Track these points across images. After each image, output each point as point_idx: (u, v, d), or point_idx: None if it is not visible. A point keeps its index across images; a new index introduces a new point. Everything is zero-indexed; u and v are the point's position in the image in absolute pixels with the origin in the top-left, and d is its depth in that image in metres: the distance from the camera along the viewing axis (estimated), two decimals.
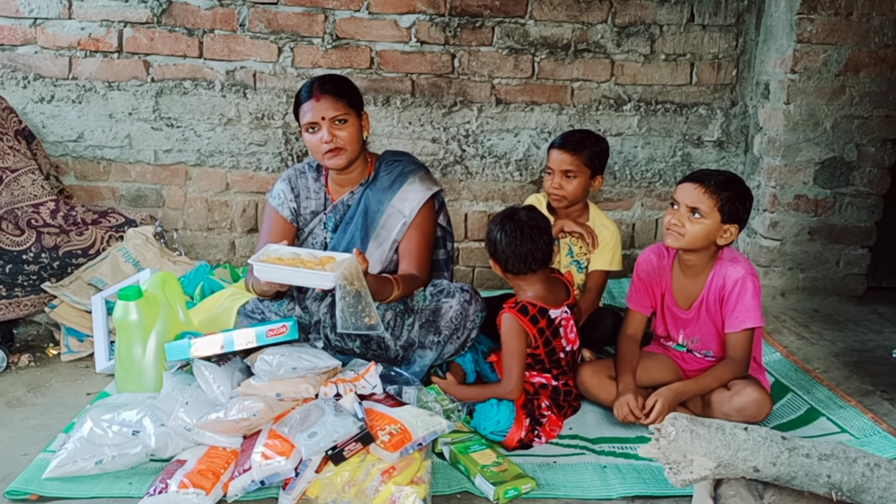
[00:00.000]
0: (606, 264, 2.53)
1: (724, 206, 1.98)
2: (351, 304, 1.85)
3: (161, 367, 2.07)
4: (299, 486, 1.64)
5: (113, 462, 1.75)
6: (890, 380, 2.40)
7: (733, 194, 1.98)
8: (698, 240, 2.01)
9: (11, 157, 2.73)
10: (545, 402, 2.05)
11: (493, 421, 1.93)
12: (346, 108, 2.15)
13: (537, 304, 2.04)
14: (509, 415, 1.94)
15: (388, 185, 2.27)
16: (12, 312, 2.54)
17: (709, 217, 1.98)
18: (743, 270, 2.03)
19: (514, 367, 2.02)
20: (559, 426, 2.04)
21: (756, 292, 2.02)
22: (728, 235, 2.02)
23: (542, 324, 2.03)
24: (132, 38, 3.14)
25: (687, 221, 2.00)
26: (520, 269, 2.05)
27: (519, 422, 1.93)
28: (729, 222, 2.00)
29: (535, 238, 2.02)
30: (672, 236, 2.03)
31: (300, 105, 2.17)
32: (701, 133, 3.35)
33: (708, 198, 1.98)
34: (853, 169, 3.13)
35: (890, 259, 3.34)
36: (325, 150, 2.15)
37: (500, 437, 1.92)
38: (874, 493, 1.39)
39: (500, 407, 1.96)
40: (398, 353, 2.21)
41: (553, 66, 3.25)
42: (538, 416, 1.99)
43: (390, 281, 2.06)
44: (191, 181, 3.30)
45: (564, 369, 2.11)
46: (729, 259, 2.07)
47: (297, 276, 1.93)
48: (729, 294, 2.03)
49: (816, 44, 3.01)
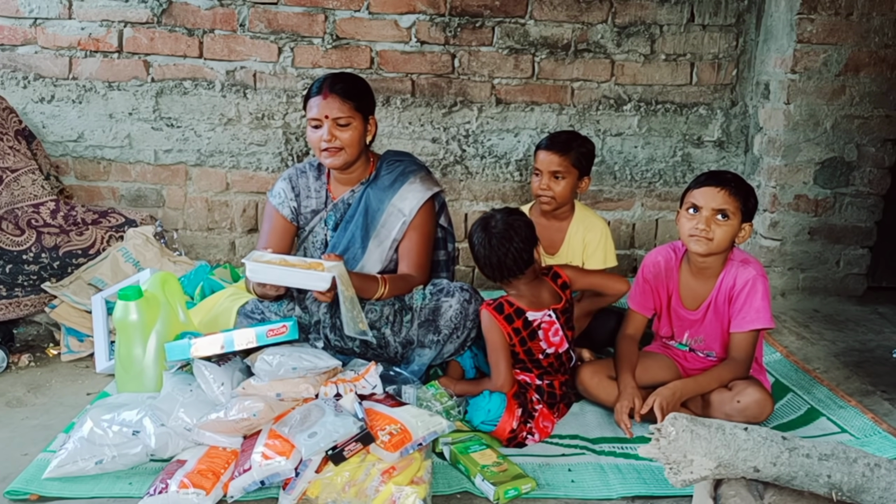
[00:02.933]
0: (601, 263, 2.54)
1: (745, 205, 2.00)
2: (349, 308, 1.91)
3: (161, 367, 2.07)
4: (299, 486, 1.65)
5: (113, 462, 1.75)
6: (890, 380, 2.40)
7: (749, 192, 2.02)
8: (725, 242, 2.02)
9: (11, 157, 2.73)
10: (535, 395, 2.05)
11: (483, 410, 1.93)
12: (352, 110, 2.16)
13: (515, 303, 2.07)
14: (500, 404, 1.93)
15: (389, 184, 2.27)
16: (12, 312, 2.54)
17: (734, 218, 1.99)
18: (754, 271, 2.04)
19: (499, 361, 2.05)
20: (552, 421, 2.03)
21: (766, 293, 2.03)
22: (744, 234, 2.03)
23: (517, 324, 2.05)
24: (132, 38, 3.14)
25: (714, 226, 1.99)
26: (493, 277, 2.08)
27: (510, 410, 1.93)
28: (746, 221, 2.03)
29: (506, 247, 2.02)
30: (699, 242, 2.00)
31: (309, 98, 2.19)
32: (701, 133, 3.35)
33: (733, 199, 1.99)
34: (853, 169, 3.13)
35: (890, 259, 3.34)
36: (323, 149, 2.16)
37: (491, 427, 1.92)
38: (874, 494, 1.39)
39: (491, 397, 1.96)
40: (397, 351, 2.21)
41: (553, 66, 3.25)
42: (530, 409, 2.00)
43: (375, 279, 2.08)
44: (191, 181, 3.30)
45: (547, 370, 2.11)
46: (740, 260, 2.08)
47: (290, 277, 1.93)
48: (738, 294, 2.03)
49: (816, 44, 3.01)
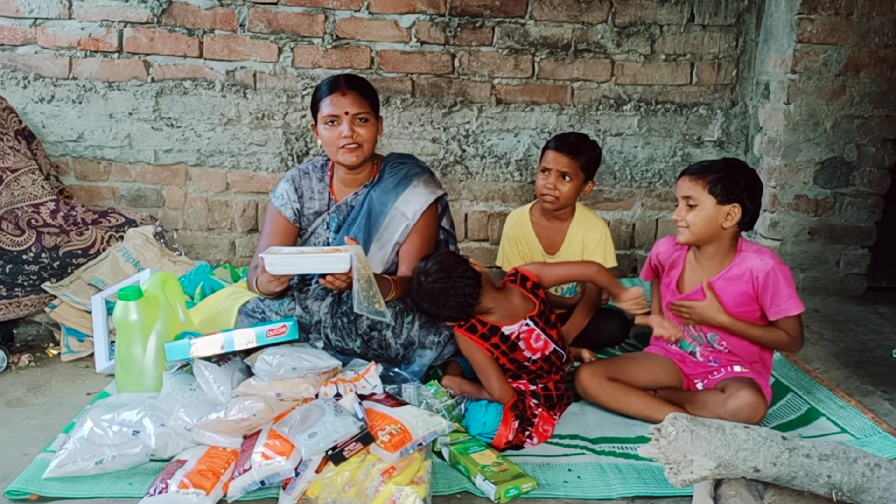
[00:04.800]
0: (602, 263, 2.52)
1: (714, 187, 1.98)
2: (364, 287, 1.87)
3: (161, 367, 2.07)
4: (299, 486, 1.64)
5: (113, 462, 1.75)
6: (890, 380, 2.40)
7: (721, 174, 1.99)
8: (700, 227, 2.01)
9: (11, 157, 2.73)
10: (533, 401, 2.04)
11: (479, 423, 1.92)
12: (369, 108, 2.19)
13: (487, 321, 2.01)
14: (496, 417, 1.93)
15: (393, 186, 2.27)
16: (12, 312, 2.54)
17: (703, 202, 1.99)
18: (772, 261, 2.02)
19: (489, 378, 2.02)
20: (552, 424, 2.02)
21: (789, 280, 2.02)
22: (731, 217, 2.00)
23: (494, 340, 2.01)
24: (132, 38, 3.14)
25: (686, 213, 2.02)
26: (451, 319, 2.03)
27: (506, 423, 1.91)
28: (726, 202, 1.99)
29: (443, 302, 1.97)
30: (679, 232, 2.07)
31: (321, 99, 2.18)
32: (701, 133, 3.35)
33: (695, 184, 2.00)
34: (853, 169, 3.13)
35: (890, 259, 3.34)
36: (343, 145, 2.16)
37: (487, 439, 1.92)
38: (874, 494, 1.39)
39: (487, 409, 1.95)
40: (398, 352, 2.21)
41: (553, 66, 3.25)
42: (529, 416, 1.99)
43: (388, 281, 2.07)
44: (191, 181, 3.30)
45: (539, 374, 2.08)
46: (754, 251, 2.07)
47: (310, 263, 1.93)
48: (763, 287, 2.02)
49: (816, 44, 3.01)
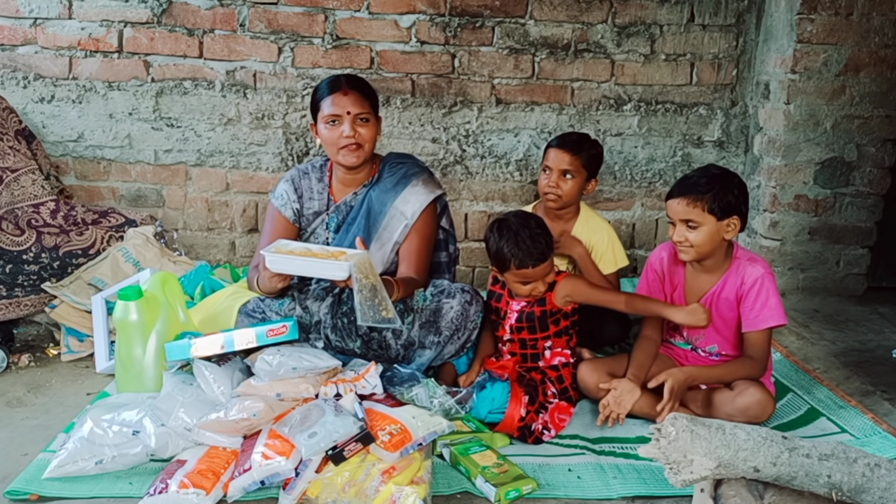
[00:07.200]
0: (612, 265, 2.54)
1: (713, 206, 1.98)
2: (368, 297, 1.86)
3: (161, 367, 2.07)
4: (299, 486, 1.64)
5: (113, 462, 1.75)
6: (890, 380, 2.40)
7: (716, 192, 1.99)
8: (705, 245, 2.02)
9: (11, 157, 2.73)
10: (550, 389, 2.04)
11: (487, 400, 1.90)
12: (370, 108, 2.20)
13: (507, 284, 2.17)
14: (503, 391, 1.90)
15: (392, 186, 2.27)
16: (12, 312, 2.54)
17: (704, 223, 1.99)
18: (762, 269, 2.04)
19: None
20: (569, 413, 2.01)
21: (776, 290, 2.03)
22: (732, 228, 2.02)
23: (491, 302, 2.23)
24: (132, 38, 3.14)
25: (688, 234, 2.01)
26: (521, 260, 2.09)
27: (516, 397, 1.89)
28: (725, 217, 2.00)
29: (528, 231, 2.08)
30: (683, 252, 2.06)
31: (321, 98, 2.18)
32: (701, 133, 3.35)
33: (693, 207, 1.99)
34: (853, 169, 3.13)
35: (890, 259, 3.34)
36: (344, 145, 2.16)
37: (498, 416, 1.88)
38: (874, 494, 1.39)
39: (493, 387, 1.93)
40: (399, 353, 2.21)
41: (553, 66, 3.25)
42: (543, 401, 1.98)
43: (391, 283, 2.06)
44: (191, 181, 3.30)
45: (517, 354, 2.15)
46: (747, 259, 2.08)
47: (309, 267, 1.93)
48: (748, 292, 2.03)
49: (816, 44, 3.01)
